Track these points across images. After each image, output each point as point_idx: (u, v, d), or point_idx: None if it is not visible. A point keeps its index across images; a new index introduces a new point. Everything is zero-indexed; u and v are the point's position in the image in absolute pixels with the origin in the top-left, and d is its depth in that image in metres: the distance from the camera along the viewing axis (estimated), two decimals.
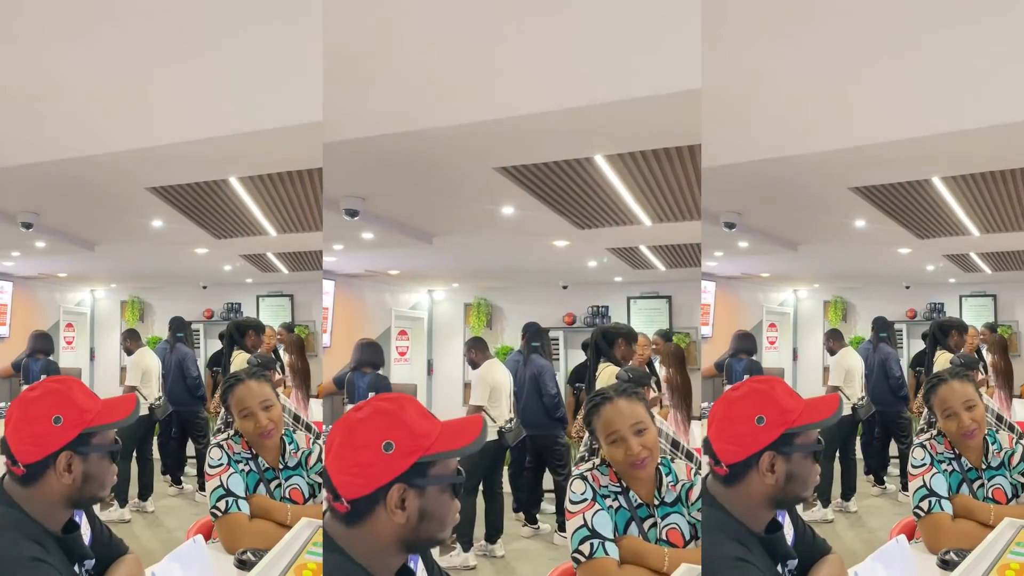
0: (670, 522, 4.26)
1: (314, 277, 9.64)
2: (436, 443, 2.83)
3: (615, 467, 4.26)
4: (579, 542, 4.13)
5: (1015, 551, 4.09)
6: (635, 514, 4.23)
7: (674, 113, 5.15)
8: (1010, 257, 9.42)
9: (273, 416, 5.07)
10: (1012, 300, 10.27)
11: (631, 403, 4.25)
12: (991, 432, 5.15)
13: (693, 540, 4.27)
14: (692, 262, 9.31)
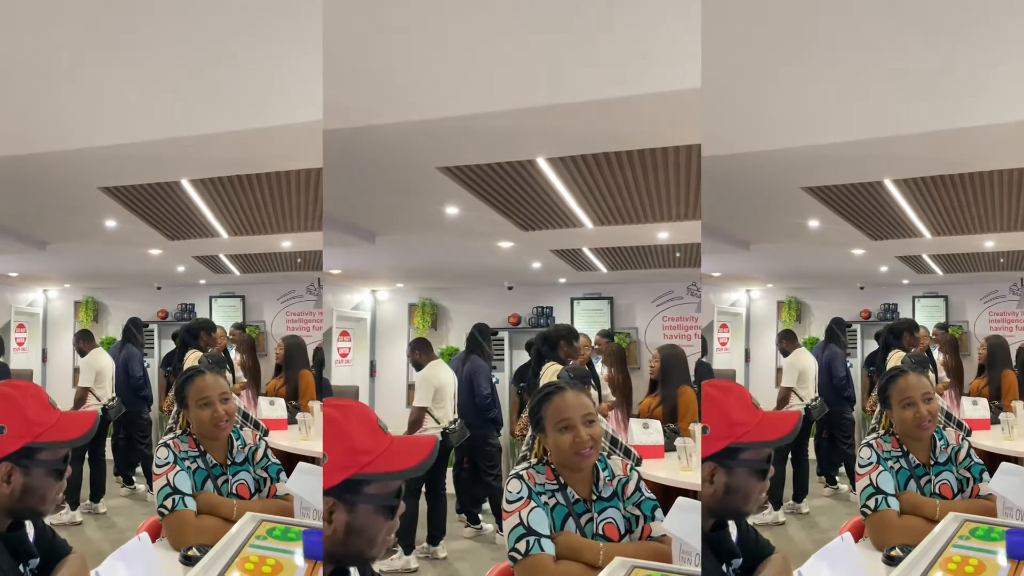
0: (606, 517, 4.30)
1: (265, 278, 9.67)
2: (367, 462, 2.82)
3: (557, 458, 4.30)
4: (515, 540, 4.15)
5: (958, 544, 4.12)
6: (572, 510, 4.26)
7: (615, 116, 5.16)
8: (961, 259, 9.50)
9: (229, 408, 5.15)
10: (963, 301, 10.36)
11: (580, 395, 4.30)
12: (939, 429, 5.19)
13: (628, 534, 4.31)
14: (633, 264, 9.35)
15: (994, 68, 5.23)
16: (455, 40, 5.09)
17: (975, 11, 5.07)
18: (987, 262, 9.62)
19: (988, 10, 5.08)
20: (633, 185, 6.37)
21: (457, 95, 5.17)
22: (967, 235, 8.14)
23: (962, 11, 5.07)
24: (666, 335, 9.92)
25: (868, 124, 5.53)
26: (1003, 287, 10.24)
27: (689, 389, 7.27)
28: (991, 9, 5.08)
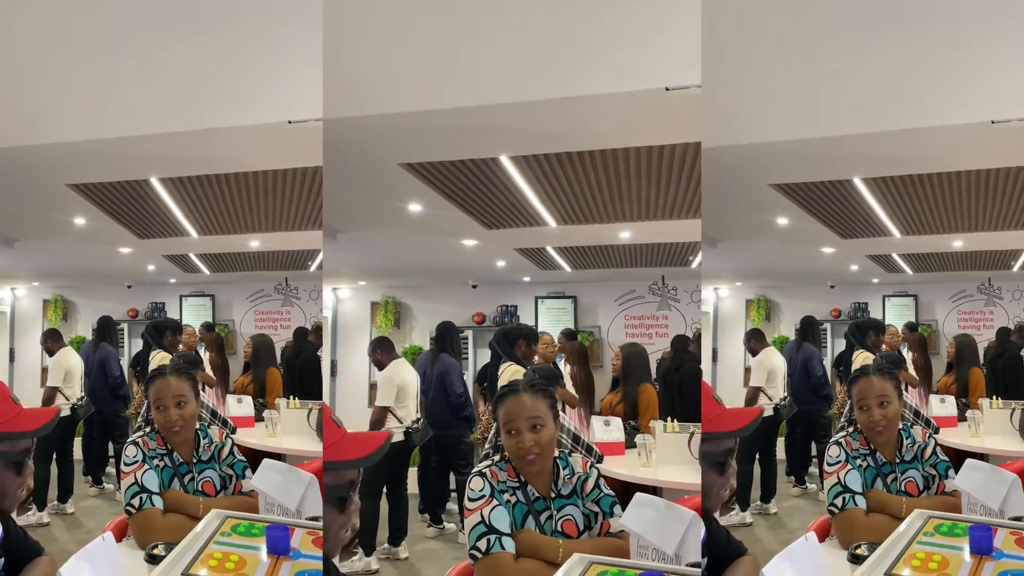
0: (565, 514, 4.32)
1: (234, 278, 9.66)
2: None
3: (511, 459, 4.33)
4: (476, 538, 4.17)
5: (922, 541, 4.14)
6: (532, 507, 4.28)
7: (578, 115, 5.17)
8: (930, 259, 9.54)
9: (185, 413, 5.16)
10: (932, 300, 10.39)
11: (535, 399, 4.32)
12: (906, 427, 5.22)
13: (587, 530, 4.33)
14: (596, 263, 9.35)
15: (960, 69, 5.26)
16: (419, 35, 5.09)
17: (943, 11, 5.10)
18: (956, 262, 9.66)
19: (956, 11, 5.11)
20: (595, 184, 6.37)
21: (420, 91, 5.17)
22: (936, 235, 8.17)
23: (931, 11, 5.10)
24: (628, 334, 9.92)
25: (836, 121, 5.55)
26: (971, 286, 10.28)
27: (650, 387, 7.30)
28: (960, 10, 5.12)
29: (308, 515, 4.64)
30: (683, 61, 4.71)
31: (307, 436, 7.34)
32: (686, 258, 9.23)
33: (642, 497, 4.24)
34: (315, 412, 7.40)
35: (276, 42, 5.29)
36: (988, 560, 3.91)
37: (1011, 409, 7.46)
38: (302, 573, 3.78)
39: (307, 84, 5.27)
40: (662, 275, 9.82)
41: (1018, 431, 7.36)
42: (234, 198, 7.02)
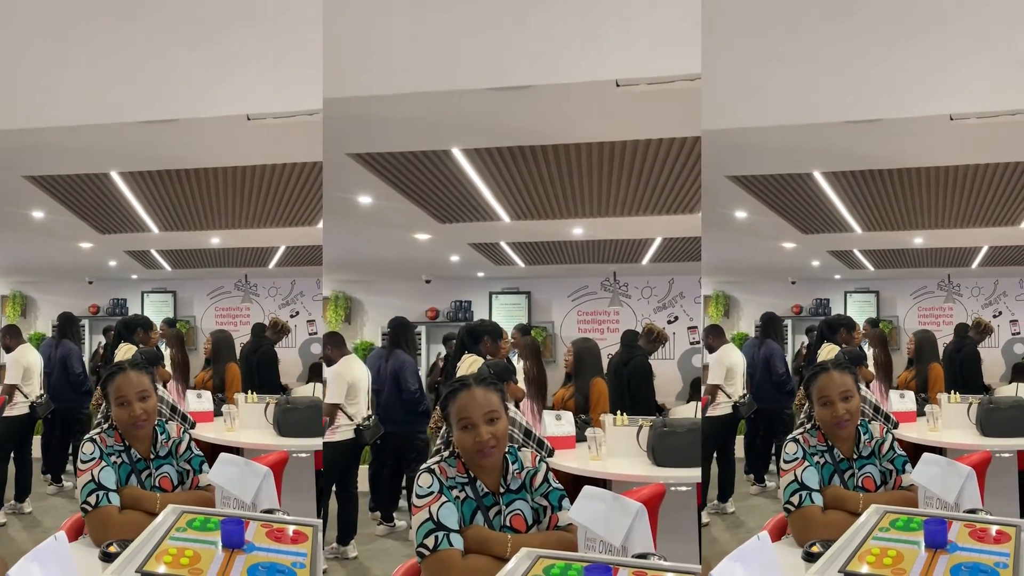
0: (514, 508, 4.32)
1: (195, 274, 9.65)
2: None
3: (463, 455, 4.32)
4: (424, 535, 4.16)
5: (878, 536, 4.14)
6: (481, 503, 4.28)
7: (530, 109, 5.17)
8: (891, 255, 9.59)
9: (148, 407, 5.11)
10: (893, 296, 10.44)
11: (487, 392, 4.31)
12: (864, 422, 5.23)
13: (536, 524, 4.33)
14: (550, 259, 9.37)
15: (920, 63, 5.28)
16: (377, 23, 5.08)
17: (904, 5, 5.12)
18: (916, 258, 9.72)
19: (917, 5, 5.13)
20: (548, 180, 6.37)
21: (363, 78, 5.16)
22: (897, 231, 8.20)
23: (890, 4, 5.12)
24: (580, 329, 9.94)
25: (795, 111, 5.55)
26: (932, 283, 10.34)
27: (601, 380, 7.33)
28: (920, 5, 5.14)
29: (263, 507, 4.64)
30: (635, 55, 4.71)
31: (264, 430, 7.34)
32: (638, 254, 9.24)
33: (590, 490, 4.25)
34: (272, 406, 7.40)
35: (238, 36, 5.28)
36: (943, 553, 3.92)
37: (968, 403, 7.51)
38: (256, 566, 3.76)
39: (265, 80, 5.26)
40: (613, 271, 9.84)
41: (975, 425, 7.40)
42: (194, 194, 7.00)
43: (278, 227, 8.06)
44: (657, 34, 4.80)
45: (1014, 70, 5.36)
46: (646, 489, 5.18)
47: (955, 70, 5.34)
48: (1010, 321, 10.68)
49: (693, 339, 10.32)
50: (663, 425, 6.45)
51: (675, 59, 4.92)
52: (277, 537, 3.98)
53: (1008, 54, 5.33)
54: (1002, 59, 5.33)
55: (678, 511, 6.07)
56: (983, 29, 5.29)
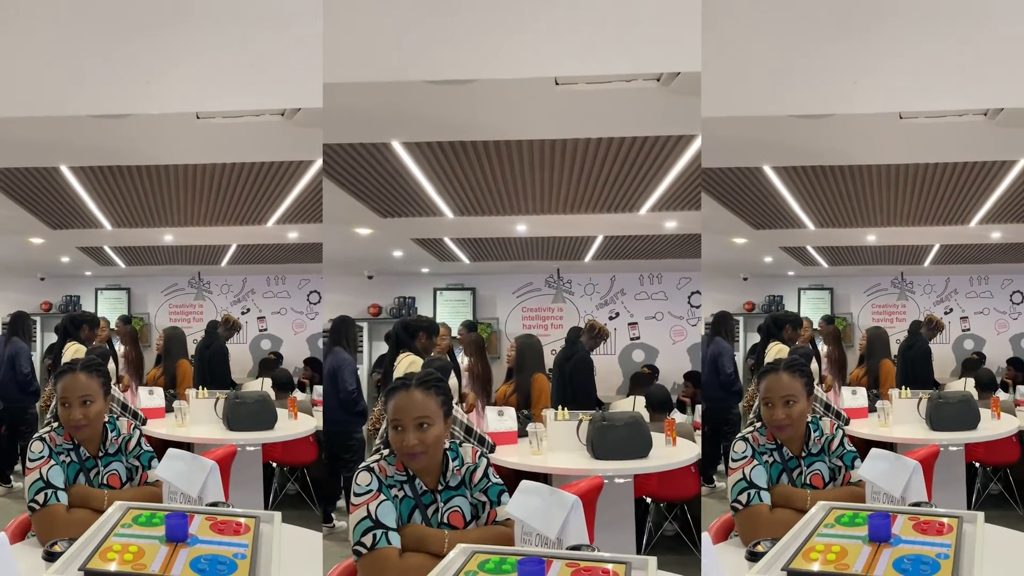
0: (452, 505, 4.33)
1: (149, 271, 9.62)
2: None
3: (397, 454, 4.32)
4: (361, 534, 4.17)
5: (823, 533, 4.17)
6: (419, 501, 4.29)
7: (472, 103, 5.16)
8: (845, 252, 9.63)
9: (89, 412, 5.09)
10: (848, 294, 10.48)
11: (426, 397, 4.31)
12: (815, 419, 5.25)
13: (475, 520, 4.34)
14: (494, 256, 9.36)
15: (869, 60, 5.30)
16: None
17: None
18: (870, 256, 9.77)
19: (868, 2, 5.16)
20: (490, 176, 6.36)
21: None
22: (850, 228, 8.24)
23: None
24: (525, 325, 9.94)
25: (741, 103, 5.55)
26: (885, 280, 10.39)
27: (542, 376, 7.35)
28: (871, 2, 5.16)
29: (209, 501, 4.64)
30: (572, 52, 4.71)
31: (214, 425, 7.34)
32: (581, 251, 9.24)
33: (527, 484, 4.27)
34: (221, 401, 7.39)
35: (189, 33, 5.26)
36: (886, 547, 3.95)
37: (918, 399, 7.57)
38: (198, 558, 3.76)
39: (215, 78, 5.25)
40: (557, 268, 9.83)
41: (924, 419, 7.46)
42: (145, 191, 6.97)
43: (229, 225, 8.04)
44: (597, 33, 4.81)
45: (962, 71, 5.40)
46: (584, 482, 5.20)
47: (905, 69, 5.37)
48: (960, 318, 10.77)
49: (633, 335, 10.32)
50: (602, 419, 6.49)
51: (615, 58, 4.92)
52: (221, 530, 4.00)
53: (957, 55, 5.36)
54: (951, 60, 5.37)
55: (616, 503, 6.11)
56: (933, 29, 5.33)
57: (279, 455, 8.15)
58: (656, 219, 7.79)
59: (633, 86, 4.97)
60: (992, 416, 8.01)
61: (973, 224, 8.29)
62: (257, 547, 3.90)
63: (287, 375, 9.29)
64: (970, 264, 10.53)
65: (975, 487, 8.43)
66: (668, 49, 4.97)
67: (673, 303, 10.41)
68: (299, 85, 5.27)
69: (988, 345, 10.84)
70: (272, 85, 5.31)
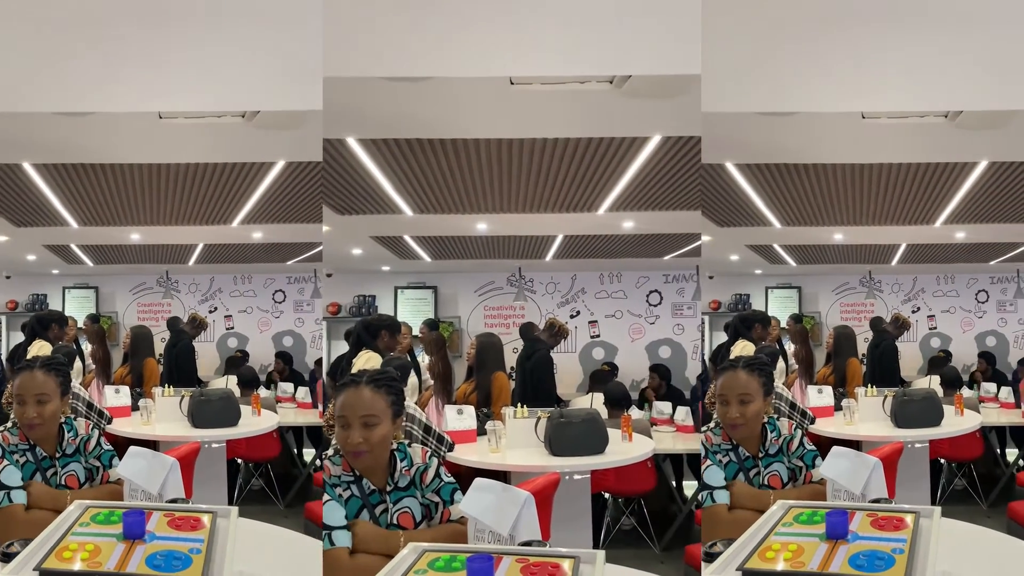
0: (402, 506, 4.33)
1: (117, 270, 9.60)
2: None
3: (342, 452, 4.33)
4: None
5: (780, 532, 4.17)
6: (367, 501, 4.29)
7: (425, 101, 5.16)
8: (812, 251, 9.66)
9: (44, 411, 5.05)
10: (816, 292, 10.51)
11: (375, 394, 4.30)
12: (771, 420, 5.26)
13: (426, 520, 4.34)
14: (456, 254, 9.37)
15: (832, 59, 5.32)
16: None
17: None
18: (837, 254, 9.80)
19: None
20: (448, 174, 6.36)
21: None
22: (816, 227, 8.25)
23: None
24: (487, 324, 9.96)
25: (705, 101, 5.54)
26: (853, 279, 10.43)
27: (502, 374, 7.37)
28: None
29: (169, 497, 4.64)
30: (527, 53, 4.71)
31: (180, 422, 7.34)
32: (542, 250, 9.25)
33: (480, 482, 4.27)
34: (187, 399, 7.39)
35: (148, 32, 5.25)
36: (843, 544, 3.96)
37: (884, 396, 7.61)
38: (154, 555, 3.76)
39: (179, 79, 5.24)
40: (519, 267, 9.85)
41: (889, 417, 7.49)
42: (111, 189, 6.95)
43: (195, 225, 8.03)
44: (551, 35, 4.81)
45: (924, 72, 5.42)
46: (540, 479, 5.21)
47: (866, 69, 5.39)
48: (927, 316, 10.83)
49: (593, 333, 10.34)
50: (560, 416, 6.50)
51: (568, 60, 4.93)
52: (178, 526, 4.00)
53: (917, 57, 5.38)
54: (911, 61, 5.39)
55: (573, 499, 6.13)
56: (894, 30, 5.35)
57: (243, 451, 8.18)
58: (614, 219, 7.78)
59: (587, 87, 4.98)
60: (956, 413, 8.06)
61: (938, 224, 8.33)
62: (213, 542, 3.90)
63: (252, 372, 9.31)
64: (937, 263, 10.59)
65: (940, 483, 8.49)
66: (622, 52, 4.97)
67: (632, 301, 10.44)
68: (260, 87, 5.27)
69: (954, 343, 10.90)
70: (233, 86, 5.31)
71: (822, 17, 5.30)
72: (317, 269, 9.63)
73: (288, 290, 10.28)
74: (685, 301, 10.56)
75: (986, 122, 5.73)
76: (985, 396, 9.31)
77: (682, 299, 10.56)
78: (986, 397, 9.30)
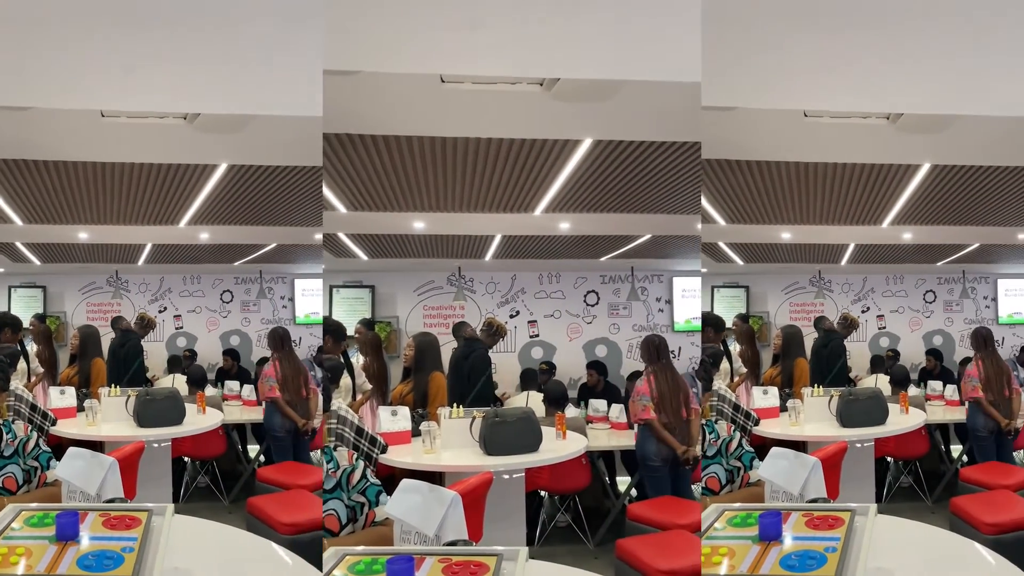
0: (327, 509, 4.34)
1: (66, 269, 9.56)
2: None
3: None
4: None
5: (712, 536, 4.19)
6: None
7: (357, 98, 5.14)
8: (759, 249, 9.65)
9: None
10: (764, 292, 10.56)
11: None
12: (709, 422, 5.29)
13: (351, 523, 4.35)
14: (394, 253, 9.34)
15: (774, 58, 5.32)
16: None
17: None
18: (786, 254, 9.80)
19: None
20: (382, 171, 6.33)
21: None
22: (762, 225, 8.24)
23: None
24: (427, 324, 9.99)
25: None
26: (803, 279, 10.49)
27: (439, 375, 7.32)
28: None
29: (106, 498, 4.63)
30: (457, 52, 4.71)
31: (125, 422, 7.31)
32: (481, 250, 9.24)
33: (407, 483, 4.28)
34: (132, 399, 7.37)
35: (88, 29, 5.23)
36: (775, 545, 3.98)
37: (830, 396, 7.63)
38: (86, 555, 3.76)
39: (120, 79, 5.22)
40: (459, 266, 9.87)
41: (835, 417, 7.50)
42: (55, 186, 6.89)
43: (143, 225, 8.00)
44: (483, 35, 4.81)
45: (867, 73, 5.44)
46: (473, 479, 5.21)
47: (809, 68, 5.40)
48: (877, 316, 10.92)
49: (533, 333, 10.38)
50: (495, 416, 6.49)
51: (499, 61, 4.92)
52: (113, 525, 3.99)
53: (860, 58, 5.40)
54: (855, 63, 5.40)
55: (507, 497, 6.13)
56: (836, 31, 5.36)
57: (189, 449, 8.18)
58: (551, 220, 7.77)
59: (517, 88, 4.96)
60: (901, 411, 8.10)
61: (885, 225, 8.35)
62: (147, 540, 3.89)
63: (201, 371, 9.31)
64: (886, 264, 10.67)
65: (887, 481, 8.55)
66: (554, 53, 4.96)
67: (570, 302, 10.48)
68: (202, 90, 5.26)
69: (903, 342, 11.01)
70: (177, 88, 5.28)
71: (764, 14, 5.30)
72: (263, 270, 9.64)
73: (235, 290, 10.30)
74: (621, 301, 10.59)
75: (927, 126, 5.75)
76: (932, 394, 9.38)
77: (618, 299, 10.59)
78: (933, 395, 9.36)
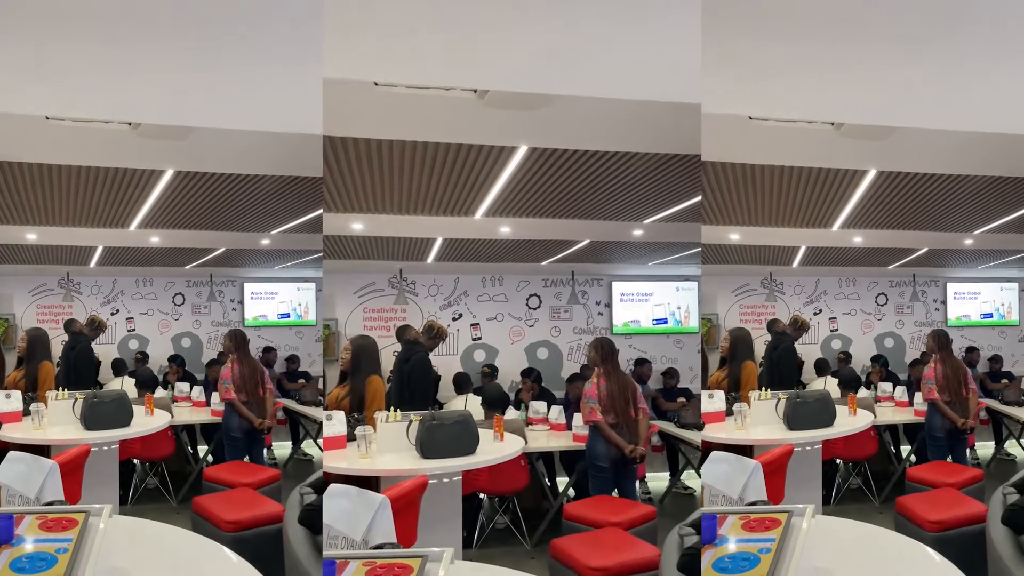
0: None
1: (15, 270, 9.51)
2: None
3: None
4: None
5: None
6: None
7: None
8: (711, 250, 9.61)
9: None
10: (714, 293, 10.57)
11: None
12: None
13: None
14: (334, 254, 9.29)
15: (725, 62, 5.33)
16: None
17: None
18: (736, 255, 9.79)
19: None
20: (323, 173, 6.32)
21: None
22: (710, 225, 8.21)
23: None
24: (367, 327, 9.96)
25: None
26: (754, 280, 10.50)
27: (377, 378, 7.26)
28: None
29: (45, 500, 4.64)
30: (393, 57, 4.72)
31: (72, 425, 7.28)
32: (423, 253, 9.22)
33: (334, 488, 4.30)
34: (80, 402, 7.34)
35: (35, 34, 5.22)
36: (709, 548, 4.02)
37: (777, 399, 7.61)
38: (19, 558, 3.76)
39: (66, 83, 5.22)
40: (400, 269, 9.86)
41: (782, 420, 7.49)
42: (1, 188, 6.87)
43: (93, 227, 7.97)
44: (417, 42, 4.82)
45: (816, 78, 5.46)
46: (408, 482, 5.21)
47: (753, 72, 5.41)
48: (829, 318, 10.97)
49: (475, 336, 10.39)
50: (431, 419, 6.48)
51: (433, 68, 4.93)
52: (50, 527, 3.99)
53: (804, 67, 5.41)
54: (803, 66, 5.42)
55: (444, 500, 6.14)
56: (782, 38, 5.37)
57: (138, 451, 8.17)
58: (491, 224, 7.76)
59: (451, 95, 4.97)
60: (849, 413, 8.11)
61: (835, 228, 8.38)
62: (82, 541, 3.89)
63: (150, 373, 9.28)
64: (838, 266, 10.71)
65: (836, 482, 8.58)
66: (489, 63, 4.97)
67: (513, 305, 10.48)
68: (146, 98, 5.26)
69: (854, 345, 11.06)
70: (121, 95, 5.28)
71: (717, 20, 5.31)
72: (213, 274, 9.62)
73: (187, 293, 10.28)
74: (562, 304, 10.60)
75: (869, 134, 5.79)
76: (882, 396, 9.41)
77: (559, 303, 10.60)
78: (882, 396, 9.40)
